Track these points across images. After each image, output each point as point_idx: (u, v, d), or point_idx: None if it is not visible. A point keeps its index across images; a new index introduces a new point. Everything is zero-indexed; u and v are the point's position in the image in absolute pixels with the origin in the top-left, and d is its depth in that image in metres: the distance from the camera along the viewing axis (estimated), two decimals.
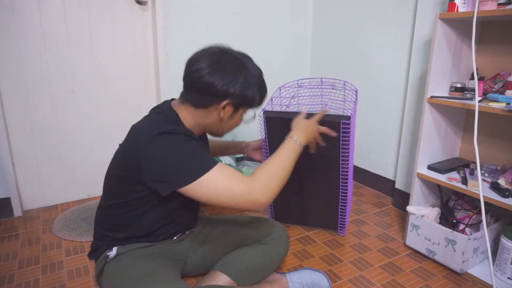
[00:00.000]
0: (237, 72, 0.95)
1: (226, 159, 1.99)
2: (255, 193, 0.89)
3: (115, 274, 0.96)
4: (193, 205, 1.10)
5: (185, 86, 0.99)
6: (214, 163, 0.90)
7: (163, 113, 0.99)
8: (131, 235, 1.01)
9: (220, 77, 0.93)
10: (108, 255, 0.99)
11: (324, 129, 1.21)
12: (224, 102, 0.96)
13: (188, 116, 0.99)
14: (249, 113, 1.08)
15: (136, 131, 0.96)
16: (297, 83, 1.63)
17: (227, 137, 1.27)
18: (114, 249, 0.99)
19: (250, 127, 2.07)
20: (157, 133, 0.88)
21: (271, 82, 2.36)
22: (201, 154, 0.91)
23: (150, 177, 0.89)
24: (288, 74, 2.41)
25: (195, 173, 0.87)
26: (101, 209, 1.04)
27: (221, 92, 0.94)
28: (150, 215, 1.00)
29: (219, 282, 1.07)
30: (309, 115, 1.21)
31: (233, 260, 1.12)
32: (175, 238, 1.10)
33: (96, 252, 1.03)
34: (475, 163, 1.49)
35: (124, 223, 1.00)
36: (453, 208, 1.50)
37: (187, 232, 1.15)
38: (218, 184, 0.87)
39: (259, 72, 1.04)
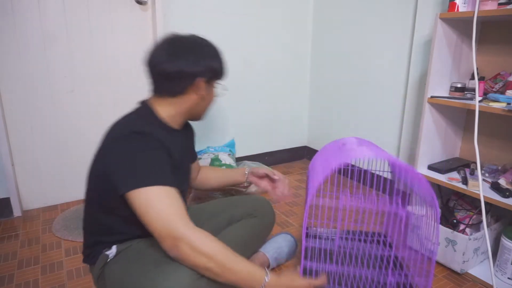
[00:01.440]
0: (196, 49, 0.98)
1: (226, 159, 1.99)
2: (186, 236, 0.80)
3: (121, 270, 0.93)
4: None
5: (155, 83, 1.00)
6: (170, 182, 0.86)
7: (140, 111, 1.00)
8: (124, 237, 0.99)
9: (185, 60, 0.95)
10: (108, 255, 0.96)
11: None
12: (198, 81, 0.97)
13: (168, 107, 1.00)
14: (219, 87, 1.10)
15: (111, 129, 0.96)
16: None
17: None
18: (114, 247, 0.97)
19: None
20: (132, 131, 0.89)
21: (271, 81, 2.37)
22: (162, 168, 0.88)
23: (112, 171, 0.87)
24: (288, 73, 2.41)
25: (146, 180, 0.83)
26: (87, 214, 1.01)
27: (191, 73, 0.96)
28: (131, 218, 0.94)
29: None
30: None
31: (227, 236, 1.12)
32: None
33: (92, 255, 1.00)
34: (475, 163, 1.49)
35: (112, 227, 0.98)
36: (453, 208, 1.50)
37: None
38: (158, 202, 0.82)
39: (213, 44, 1.04)
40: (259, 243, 1.28)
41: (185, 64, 0.95)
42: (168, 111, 1.00)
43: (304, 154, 2.67)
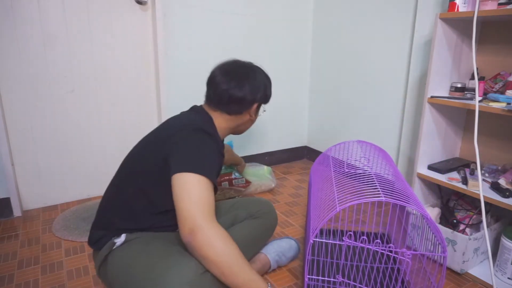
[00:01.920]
0: (256, 77, 1.12)
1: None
2: (205, 226, 0.84)
3: (125, 259, 0.94)
4: None
5: (216, 101, 1.11)
6: (212, 178, 0.92)
7: (202, 116, 1.10)
8: (138, 226, 1.01)
9: (248, 88, 1.09)
10: (115, 242, 0.97)
11: None
12: (255, 105, 1.14)
13: (222, 121, 1.13)
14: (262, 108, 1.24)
15: (177, 119, 1.06)
16: None
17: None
18: (123, 236, 0.98)
19: None
20: (199, 127, 0.98)
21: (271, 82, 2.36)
22: (214, 166, 0.96)
23: (172, 155, 0.93)
24: (288, 73, 2.41)
25: (198, 167, 0.90)
26: (114, 194, 1.03)
27: (252, 99, 1.11)
28: (158, 205, 0.99)
29: None
30: None
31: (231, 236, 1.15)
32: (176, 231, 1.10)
33: (100, 240, 1.01)
34: (475, 163, 1.49)
35: (136, 212, 1.00)
36: (453, 208, 1.50)
37: None
38: (197, 188, 0.88)
39: (265, 71, 1.19)
40: (261, 244, 1.29)
41: (249, 92, 1.10)
42: (221, 124, 1.12)
43: (304, 154, 2.67)
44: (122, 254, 0.95)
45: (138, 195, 0.99)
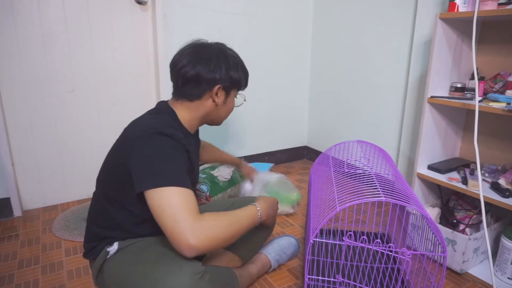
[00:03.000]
0: (218, 58, 1.02)
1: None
2: (191, 233, 0.80)
3: (121, 267, 0.93)
4: None
5: (175, 86, 1.05)
6: (186, 184, 0.87)
7: (162, 112, 1.02)
8: (129, 235, 0.99)
9: (204, 66, 1.00)
10: (109, 251, 0.96)
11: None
12: (216, 88, 1.02)
13: (185, 111, 1.04)
14: (239, 97, 1.16)
15: (134, 125, 0.98)
16: None
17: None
18: (115, 244, 0.97)
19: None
20: (155, 131, 0.90)
21: (271, 81, 2.37)
22: (181, 170, 0.90)
23: (132, 168, 0.88)
24: (288, 73, 2.41)
25: (164, 180, 0.84)
26: (96, 207, 1.02)
27: (209, 79, 1.00)
28: (139, 215, 0.97)
29: (223, 258, 1.16)
30: None
31: None
32: None
33: (93, 250, 1.00)
34: (475, 163, 1.49)
35: (120, 223, 0.98)
36: (453, 208, 1.50)
37: None
38: (171, 202, 0.83)
39: (237, 54, 1.10)
40: (260, 243, 1.29)
41: (204, 70, 0.99)
42: (184, 115, 1.04)
43: (304, 154, 2.67)
44: (117, 263, 0.94)
45: (117, 208, 0.97)
